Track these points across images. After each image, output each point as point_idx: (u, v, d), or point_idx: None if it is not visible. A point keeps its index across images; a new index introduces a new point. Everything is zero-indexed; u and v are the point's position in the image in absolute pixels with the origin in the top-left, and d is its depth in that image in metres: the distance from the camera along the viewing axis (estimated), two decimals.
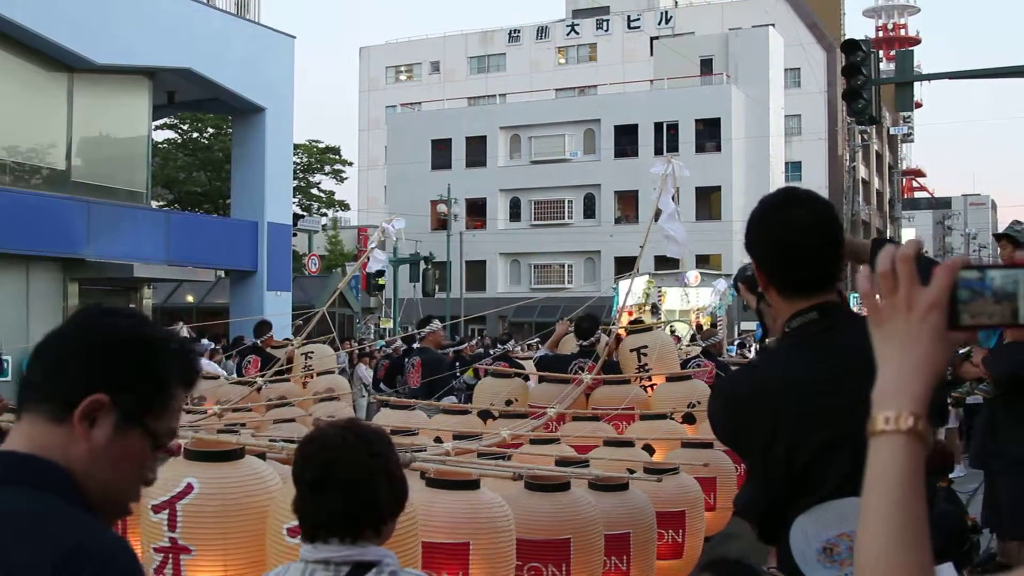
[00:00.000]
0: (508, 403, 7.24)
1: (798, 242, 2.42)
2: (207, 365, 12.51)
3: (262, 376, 8.76)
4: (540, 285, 50.81)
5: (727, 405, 2.59)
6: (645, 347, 7.95)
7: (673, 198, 7.96)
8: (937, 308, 1.18)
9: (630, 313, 14.00)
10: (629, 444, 5.47)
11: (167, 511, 3.53)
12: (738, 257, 38.26)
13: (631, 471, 4.78)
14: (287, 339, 11.61)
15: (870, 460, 1.21)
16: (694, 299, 25.76)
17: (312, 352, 9.41)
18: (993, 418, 5.65)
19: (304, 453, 2.38)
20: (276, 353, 10.04)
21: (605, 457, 5.07)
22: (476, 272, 50.90)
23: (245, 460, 3.79)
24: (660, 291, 28.10)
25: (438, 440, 5.18)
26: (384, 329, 36.14)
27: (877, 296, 1.23)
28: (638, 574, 4.56)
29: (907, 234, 64.64)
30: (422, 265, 36.32)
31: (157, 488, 3.54)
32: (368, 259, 10.36)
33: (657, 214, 7.98)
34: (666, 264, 27.91)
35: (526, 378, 8.06)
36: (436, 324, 10.36)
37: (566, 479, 4.26)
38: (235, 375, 10.47)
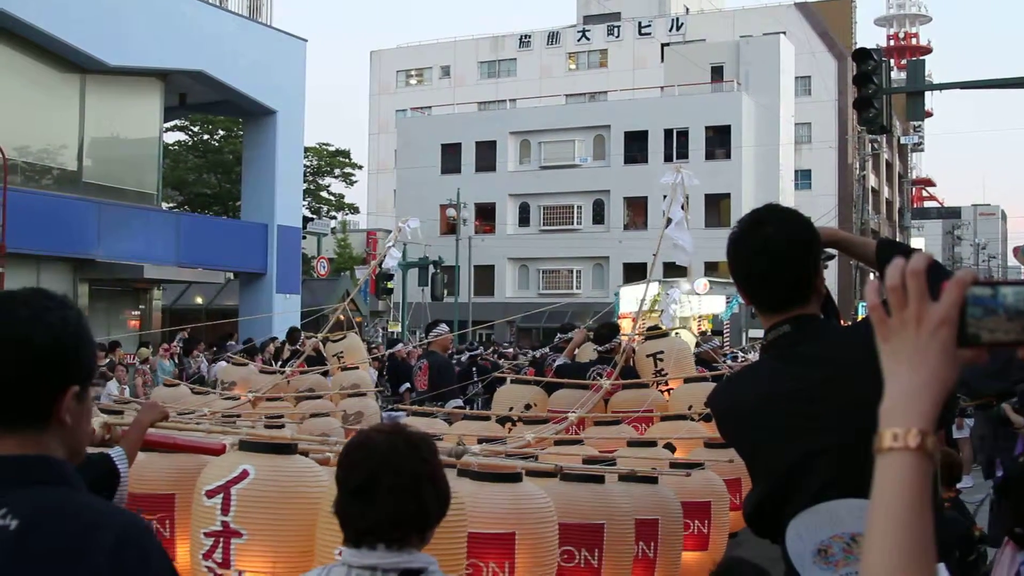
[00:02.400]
0: (527, 408, 7.35)
1: (762, 261, 2.49)
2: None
3: (291, 366, 9.16)
4: (548, 290, 50.82)
5: (715, 418, 2.75)
6: (661, 352, 8.15)
7: (682, 207, 8.05)
8: (947, 324, 1.16)
9: (633, 320, 14.02)
10: (652, 444, 5.61)
11: (221, 495, 3.59)
12: None
13: (653, 468, 4.91)
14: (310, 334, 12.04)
15: (877, 477, 1.19)
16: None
17: (342, 352, 9.64)
18: (983, 429, 5.70)
19: (350, 459, 2.32)
20: (303, 348, 10.44)
21: (630, 456, 5.18)
22: (485, 277, 50.87)
23: (297, 454, 3.89)
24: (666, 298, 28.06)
25: (460, 444, 5.25)
26: (392, 332, 36.18)
27: (886, 310, 1.22)
28: (666, 562, 4.68)
29: (916, 244, 64.50)
30: (431, 269, 36.35)
31: (212, 474, 3.68)
32: (385, 256, 10.74)
33: (667, 222, 8.08)
34: (674, 271, 27.91)
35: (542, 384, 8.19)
36: (443, 328, 10.54)
37: (600, 472, 4.42)
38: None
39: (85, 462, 3.36)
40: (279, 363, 12.64)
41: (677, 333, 12.89)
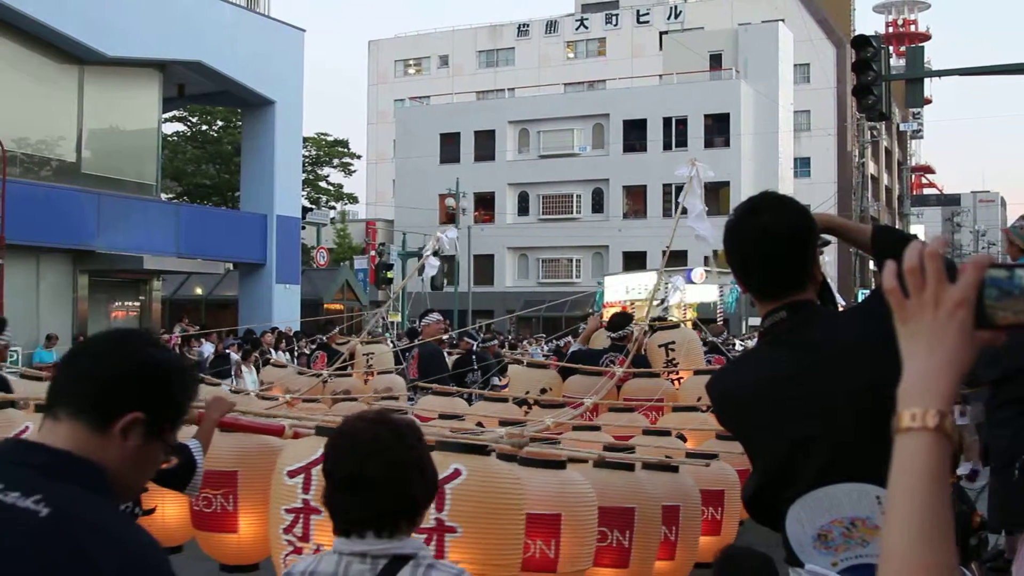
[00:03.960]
0: (543, 392, 7.58)
1: (759, 248, 2.50)
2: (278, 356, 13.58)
3: (328, 369, 9.45)
4: (548, 279, 50.83)
5: (713, 404, 2.75)
6: (673, 343, 8.33)
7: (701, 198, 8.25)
8: (964, 306, 1.18)
9: (623, 308, 14.13)
10: (666, 433, 5.88)
11: (303, 476, 3.87)
12: None
13: (669, 456, 5.23)
14: (350, 336, 12.40)
15: (896, 457, 1.20)
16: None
17: (373, 352, 10.04)
18: (986, 415, 5.73)
19: (336, 450, 2.30)
20: (340, 349, 10.84)
21: (645, 444, 5.45)
22: (484, 266, 50.89)
23: None
24: (667, 287, 28.07)
25: (480, 425, 5.76)
26: (392, 322, 36.17)
27: (902, 292, 1.22)
28: (685, 544, 5.01)
29: (915, 231, 64.39)
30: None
31: (292, 456, 3.96)
32: (424, 265, 11.11)
33: (683, 211, 8.31)
34: (674, 261, 27.81)
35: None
36: (434, 316, 10.66)
37: (631, 461, 4.77)
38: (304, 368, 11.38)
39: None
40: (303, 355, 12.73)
41: (686, 323, 13.01)
